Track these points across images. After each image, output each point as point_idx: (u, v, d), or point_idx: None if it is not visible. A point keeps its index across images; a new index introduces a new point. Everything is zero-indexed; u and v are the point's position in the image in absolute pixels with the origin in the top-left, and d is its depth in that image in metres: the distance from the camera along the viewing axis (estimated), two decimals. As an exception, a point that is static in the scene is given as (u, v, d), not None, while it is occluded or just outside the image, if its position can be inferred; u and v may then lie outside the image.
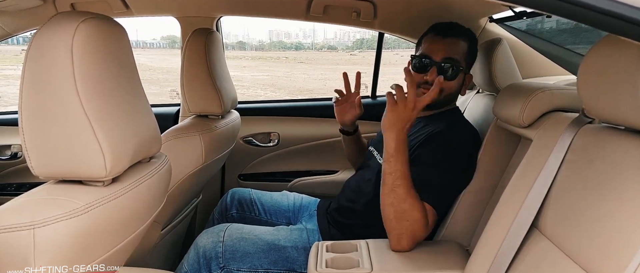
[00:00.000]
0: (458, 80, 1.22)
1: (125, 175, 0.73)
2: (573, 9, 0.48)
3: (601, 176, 0.71)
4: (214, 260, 1.15)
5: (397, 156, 1.02)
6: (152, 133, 0.79)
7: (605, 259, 0.65)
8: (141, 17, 1.69)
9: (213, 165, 1.34)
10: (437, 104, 1.23)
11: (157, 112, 1.89)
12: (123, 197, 0.70)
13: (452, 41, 1.20)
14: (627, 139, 0.70)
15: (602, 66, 0.70)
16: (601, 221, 0.68)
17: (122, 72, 0.72)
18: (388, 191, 1.03)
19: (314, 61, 16.04)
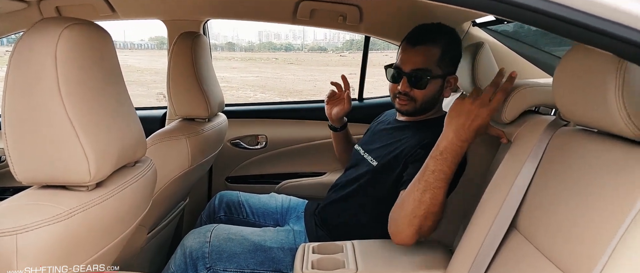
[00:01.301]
0: (432, 87, 1.21)
1: (110, 180, 0.73)
2: (543, 19, 0.50)
3: (575, 177, 0.74)
4: (201, 260, 1.15)
5: (446, 155, 0.97)
6: (136, 138, 0.79)
7: (577, 258, 0.67)
8: (127, 20, 1.69)
9: (200, 168, 1.35)
10: (418, 111, 1.25)
11: (143, 115, 1.90)
12: (107, 202, 0.70)
13: (421, 50, 1.19)
14: (599, 141, 0.73)
15: (575, 72, 0.73)
16: (574, 221, 0.70)
17: (107, 77, 0.73)
18: (424, 188, 0.97)
19: (303, 62, 16.03)
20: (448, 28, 1.26)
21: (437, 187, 0.97)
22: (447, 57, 1.21)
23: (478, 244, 0.92)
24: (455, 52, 1.25)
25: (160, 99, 1.96)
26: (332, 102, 1.47)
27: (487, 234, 0.91)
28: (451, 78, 1.25)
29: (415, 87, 1.20)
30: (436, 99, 1.25)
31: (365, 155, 1.31)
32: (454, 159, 0.97)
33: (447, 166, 0.97)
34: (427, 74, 1.18)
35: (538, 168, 0.86)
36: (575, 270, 0.67)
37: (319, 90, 9.29)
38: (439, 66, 1.20)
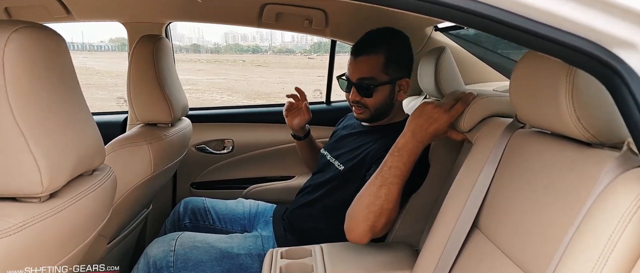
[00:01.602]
0: (381, 94, 1.22)
1: (65, 190, 0.70)
2: (497, 26, 0.52)
3: (531, 177, 0.77)
4: (165, 270, 1.12)
5: (403, 153, 1.00)
6: (94, 145, 0.76)
7: (534, 255, 0.70)
8: (84, 22, 1.62)
9: (163, 175, 1.31)
10: (374, 118, 1.27)
11: (103, 120, 1.83)
12: (62, 213, 0.67)
13: (363, 60, 1.21)
14: (553, 142, 0.76)
15: (529, 78, 0.76)
16: (530, 219, 0.73)
17: (60, 82, 0.70)
18: (380, 184, 0.99)
19: (271, 64, 15.94)
20: (392, 33, 1.26)
21: (392, 183, 0.99)
22: (392, 62, 1.21)
23: (442, 244, 0.94)
24: (401, 56, 1.25)
25: (121, 103, 1.88)
26: (292, 113, 1.47)
27: (451, 234, 0.93)
28: (402, 82, 1.25)
29: (364, 95, 1.22)
30: (389, 104, 1.26)
31: (332, 160, 1.32)
32: (409, 158, 1.00)
33: (403, 163, 1.00)
34: (372, 83, 1.20)
35: (497, 169, 0.89)
36: (533, 267, 0.70)
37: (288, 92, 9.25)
38: (384, 73, 1.21)
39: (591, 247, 0.54)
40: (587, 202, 0.59)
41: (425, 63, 1.44)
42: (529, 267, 0.71)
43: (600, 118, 0.66)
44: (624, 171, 0.57)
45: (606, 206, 0.55)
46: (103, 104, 6.09)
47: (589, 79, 0.65)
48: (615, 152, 0.64)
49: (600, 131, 0.65)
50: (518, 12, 0.50)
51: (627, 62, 0.47)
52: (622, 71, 0.48)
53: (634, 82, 0.47)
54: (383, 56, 1.20)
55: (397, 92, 1.25)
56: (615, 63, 0.48)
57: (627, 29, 0.46)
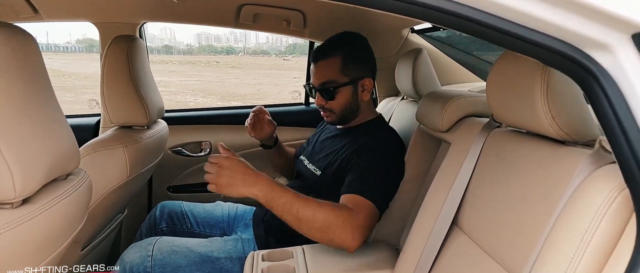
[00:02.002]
0: (343, 95, 1.24)
1: (39, 195, 0.67)
2: (475, 27, 0.53)
3: (507, 175, 0.79)
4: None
5: (273, 196, 0.96)
6: (68, 148, 0.73)
7: (513, 252, 0.72)
8: (53, 22, 1.56)
9: (139, 179, 1.27)
10: (342, 120, 1.29)
11: (74, 123, 1.77)
12: (36, 219, 0.64)
13: (321, 65, 1.24)
14: (528, 141, 0.79)
15: (505, 78, 0.78)
16: (509, 216, 0.75)
17: (32, 84, 0.67)
18: (296, 221, 0.97)
19: (246, 65, 15.78)
20: (349, 36, 1.28)
21: (298, 209, 0.97)
22: (350, 63, 1.23)
23: (423, 242, 0.96)
24: (359, 57, 1.26)
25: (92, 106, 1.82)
26: (255, 129, 1.42)
27: (431, 232, 0.95)
28: (364, 82, 1.26)
29: (328, 99, 1.25)
30: (355, 104, 1.27)
31: (309, 166, 1.33)
32: (278, 191, 0.98)
33: (280, 195, 0.97)
34: (332, 85, 1.22)
35: (475, 168, 0.91)
36: (511, 263, 0.72)
37: (264, 94, 9.20)
38: (343, 74, 1.23)
39: (568, 242, 0.56)
40: (563, 199, 0.62)
41: (403, 65, 1.47)
42: (508, 263, 0.73)
43: (574, 116, 0.68)
44: (597, 168, 0.59)
45: (581, 202, 0.57)
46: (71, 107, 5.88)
47: (562, 79, 0.68)
48: (588, 150, 0.66)
49: (574, 129, 0.68)
50: (495, 13, 0.51)
51: (601, 63, 0.49)
52: (596, 71, 0.50)
53: (607, 82, 0.49)
54: (340, 58, 1.22)
55: (360, 93, 1.26)
56: (589, 64, 0.50)
57: (600, 31, 0.48)
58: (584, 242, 0.54)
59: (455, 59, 1.66)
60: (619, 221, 0.52)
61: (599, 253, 0.53)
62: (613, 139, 0.50)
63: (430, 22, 0.61)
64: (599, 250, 0.53)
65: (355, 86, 1.25)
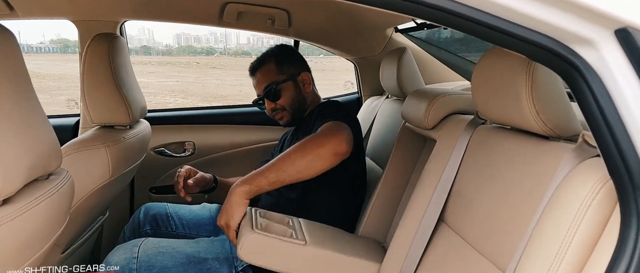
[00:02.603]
0: (288, 92, 1.34)
1: (19, 196, 0.65)
2: (462, 22, 0.54)
3: (493, 171, 0.81)
4: None
5: (254, 184, 1.02)
6: (50, 147, 0.71)
7: (499, 246, 0.73)
8: (29, 19, 1.51)
9: (121, 179, 1.25)
10: (296, 116, 1.36)
11: (52, 124, 1.70)
12: (16, 220, 0.62)
13: (259, 74, 1.35)
14: (513, 137, 0.81)
15: (491, 75, 0.80)
16: (494, 212, 0.77)
17: (11, 81, 0.64)
18: (289, 176, 1.03)
19: (227, 66, 15.61)
20: (274, 47, 1.41)
21: (281, 172, 1.03)
22: (283, 63, 1.35)
23: (410, 239, 0.97)
24: (289, 56, 1.39)
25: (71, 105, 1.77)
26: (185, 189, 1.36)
27: (418, 229, 0.96)
28: (302, 76, 1.37)
29: (275, 100, 1.34)
30: (301, 98, 1.36)
31: None
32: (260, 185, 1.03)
33: (263, 177, 1.03)
34: (274, 85, 1.33)
35: (461, 165, 0.92)
36: (498, 258, 0.73)
37: (246, 95, 9.10)
38: (281, 73, 1.34)
39: (554, 234, 0.57)
40: (548, 193, 0.63)
41: (387, 64, 1.48)
42: (495, 258, 0.74)
43: (558, 112, 0.70)
44: (581, 161, 0.61)
45: (566, 195, 0.58)
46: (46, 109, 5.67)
47: (547, 76, 0.70)
48: (571, 144, 0.68)
49: (558, 124, 0.70)
50: (482, 8, 0.52)
51: (585, 58, 0.51)
52: (581, 66, 0.51)
53: (592, 77, 0.51)
54: (273, 62, 1.35)
55: (302, 87, 1.36)
56: (574, 59, 0.51)
57: (584, 27, 0.50)
58: (570, 234, 0.55)
59: (439, 58, 1.69)
60: (603, 212, 0.54)
61: (584, 244, 0.54)
62: (597, 133, 0.51)
63: (418, 18, 0.61)
64: (584, 241, 0.54)
65: (295, 81, 1.35)
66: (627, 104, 0.48)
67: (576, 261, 0.54)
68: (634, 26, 0.49)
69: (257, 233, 0.96)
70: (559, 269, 0.54)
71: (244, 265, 1.17)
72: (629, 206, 0.48)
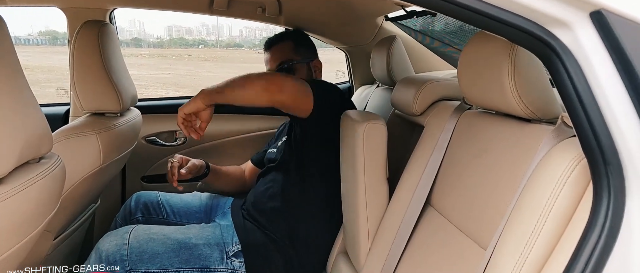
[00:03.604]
0: (300, 73, 1.35)
1: (11, 177, 0.65)
2: (450, 7, 0.56)
3: (477, 153, 0.83)
4: (119, 264, 1.08)
5: (216, 90, 1.06)
6: (41, 130, 0.72)
7: (481, 225, 0.76)
8: (17, 6, 1.50)
9: (112, 167, 1.25)
10: None
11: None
12: (8, 201, 0.63)
13: (276, 49, 1.37)
14: (497, 121, 0.83)
15: (475, 60, 0.82)
16: (478, 192, 0.79)
17: (3, 64, 0.65)
18: (242, 89, 1.06)
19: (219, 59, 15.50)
20: (292, 30, 1.46)
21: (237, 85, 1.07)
22: (301, 46, 1.39)
23: (398, 222, 0.99)
24: (306, 43, 1.42)
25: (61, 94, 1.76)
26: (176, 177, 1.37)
27: (405, 213, 0.98)
28: (315, 63, 1.40)
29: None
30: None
31: (272, 150, 1.41)
32: (218, 93, 1.07)
33: (223, 96, 1.07)
34: (290, 61, 1.35)
35: (447, 149, 0.95)
36: (480, 236, 0.76)
37: (237, 87, 9.04)
38: (297, 54, 1.37)
39: (531, 211, 0.59)
40: (527, 172, 0.65)
41: (378, 52, 1.49)
42: (478, 236, 0.77)
43: (538, 95, 0.72)
44: (558, 142, 0.63)
45: (543, 174, 0.60)
46: (35, 100, 5.61)
47: (528, 60, 0.72)
48: (551, 126, 0.70)
49: (538, 107, 0.72)
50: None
51: (562, 40, 0.53)
52: (558, 48, 0.53)
53: (568, 58, 0.53)
54: (291, 41, 1.38)
55: (314, 72, 1.39)
56: (552, 41, 0.53)
57: (561, 9, 0.51)
58: (546, 209, 0.57)
59: (429, 47, 1.70)
60: (578, 189, 0.56)
61: (559, 219, 0.57)
62: (573, 112, 0.54)
63: (407, 4, 0.63)
64: (559, 216, 0.57)
65: (309, 66, 1.38)
66: (600, 84, 0.51)
67: (552, 235, 0.57)
68: (608, 9, 0.51)
69: None
70: (536, 243, 0.57)
71: (234, 250, 1.19)
72: (600, 181, 0.50)
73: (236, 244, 1.19)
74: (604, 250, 0.49)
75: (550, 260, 0.56)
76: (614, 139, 0.50)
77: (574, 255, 0.51)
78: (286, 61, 1.35)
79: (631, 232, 0.49)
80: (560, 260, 0.54)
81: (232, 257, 1.18)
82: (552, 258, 0.56)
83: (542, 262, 0.57)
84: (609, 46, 0.51)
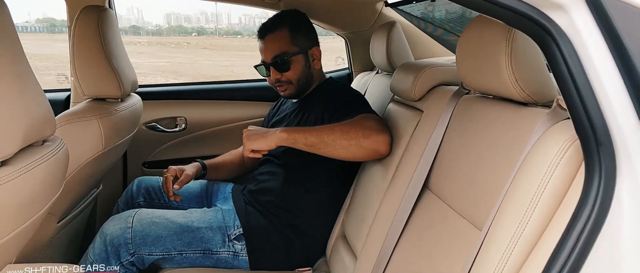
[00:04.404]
0: (297, 65, 1.29)
1: (16, 158, 0.67)
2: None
3: (474, 137, 0.84)
4: (123, 247, 1.10)
5: (296, 134, 1.06)
6: (44, 113, 0.73)
7: (477, 207, 0.77)
8: (16, -9, 1.49)
9: (114, 151, 1.27)
10: (300, 91, 1.32)
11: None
12: (14, 181, 0.64)
13: (270, 39, 1.28)
14: (494, 105, 0.84)
15: (474, 45, 0.82)
16: (475, 175, 0.80)
17: (7, 47, 0.66)
18: (324, 145, 1.06)
19: (218, 47, 15.43)
20: (290, 12, 1.35)
21: (324, 136, 1.07)
22: (298, 34, 1.29)
23: (396, 205, 1.01)
24: (305, 27, 1.33)
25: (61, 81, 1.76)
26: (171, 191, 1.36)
27: (404, 195, 1.00)
28: (313, 51, 1.32)
29: (282, 71, 1.28)
30: (309, 74, 1.32)
31: None
32: (298, 133, 1.08)
33: (304, 135, 1.08)
34: (285, 56, 1.27)
35: (445, 133, 0.96)
36: (476, 218, 0.77)
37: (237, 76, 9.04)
38: (293, 44, 1.28)
39: (525, 192, 0.61)
40: (522, 154, 0.67)
41: (377, 38, 1.49)
42: (473, 218, 0.78)
43: (534, 79, 0.73)
44: (553, 124, 0.64)
45: (537, 155, 0.62)
46: (35, 88, 5.58)
47: (525, 44, 0.73)
48: (547, 109, 0.72)
49: (535, 91, 0.73)
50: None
51: (557, 23, 0.54)
52: (553, 31, 0.54)
53: (563, 41, 0.54)
54: (287, 29, 1.28)
55: (312, 62, 1.32)
56: (547, 24, 0.54)
57: (557, -8, 0.52)
58: (540, 190, 0.59)
59: (428, 33, 1.70)
60: (571, 169, 0.57)
61: (552, 199, 0.58)
62: (567, 95, 0.55)
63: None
64: (552, 196, 0.58)
65: (306, 55, 1.30)
66: (594, 67, 0.52)
67: (545, 214, 0.58)
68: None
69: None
70: (529, 222, 0.58)
71: (236, 233, 1.21)
72: (592, 160, 0.52)
73: (238, 228, 1.21)
74: (594, 227, 0.51)
75: (543, 238, 0.58)
76: (607, 121, 0.51)
77: (565, 233, 0.53)
78: (281, 54, 1.27)
79: (621, 210, 0.50)
80: (552, 238, 0.56)
81: (234, 240, 1.20)
82: (544, 236, 0.58)
83: (535, 240, 0.59)
84: (603, 28, 0.52)
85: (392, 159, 1.24)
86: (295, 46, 1.28)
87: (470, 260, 0.69)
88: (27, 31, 14.31)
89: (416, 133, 1.07)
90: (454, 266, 0.76)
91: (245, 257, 1.20)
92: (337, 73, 2.10)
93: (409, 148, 1.07)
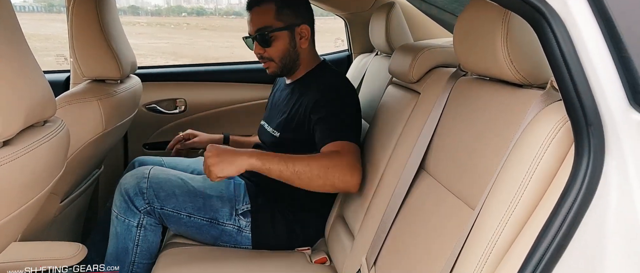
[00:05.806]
0: (281, 42, 1.23)
1: (19, 138, 0.68)
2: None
3: (470, 118, 0.85)
4: (139, 196, 1.14)
5: (266, 159, 1.05)
6: (45, 94, 0.73)
7: (471, 187, 0.79)
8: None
9: (114, 132, 1.28)
10: (284, 70, 1.28)
11: (43, 79, 1.71)
12: (17, 161, 0.66)
13: (256, 11, 1.23)
14: (492, 87, 0.85)
15: (471, 27, 0.83)
16: (470, 156, 0.82)
17: (6, 27, 0.66)
18: (295, 175, 1.05)
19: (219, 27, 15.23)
20: None
21: (297, 169, 1.05)
22: (284, 9, 1.22)
23: (392, 186, 1.02)
24: (294, 4, 1.25)
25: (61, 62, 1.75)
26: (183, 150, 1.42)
27: (400, 177, 1.01)
28: (301, 29, 1.24)
29: (264, 46, 1.23)
30: (293, 53, 1.26)
31: (268, 128, 1.34)
32: (267, 159, 1.06)
33: (276, 163, 1.06)
34: (267, 30, 1.21)
35: (442, 115, 0.97)
36: (470, 197, 0.79)
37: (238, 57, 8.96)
38: (278, 20, 1.22)
39: (517, 172, 0.62)
40: (516, 135, 0.68)
41: (376, 19, 1.49)
42: (467, 197, 0.80)
43: (529, 60, 0.74)
44: (546, 105, 0.65)
45: (529, 136, 0.63)
46: (34, 69, 5.55)
47: (520, 26, 0.73)
48: (540, 91, 0.72)
49: (529, 72, 0.74)
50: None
51: (551, 4, 0.54)
52: (546, 12, 0.54)
53: (556, 22, 0.54)
54: (273, 4, 1.22)
55: (299, 41, 1.25)
56: (541, 5, 0.54)
57: (551, -26, 0.52)
58: (531, 170, 0.60)
59: (429, 14, 1.69)
60: (562, 149, 0.59)
61: (543, 179, 0.60)
62: (559, 76, 0.55)
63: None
64: (543, 176, 0.60)
65: (292, 32, 1.23)
66: (586, 49, 0.52)
67: (536, 193, 0.60)
68: (597, -27, 0.52)
69: None
70: (520, 201, 0.60)
71: (244, 209, 1.23)
72: (582, 140, 0.53)
73: (246, 204, 1.23)
74: (582, 204, 0.52)
75: (533, 215, 0.60)
76: (597, 102, 0.52)
77: (554, 209, 0.55)
78: (264, 28, 1.21)
79: (608, 186, 0.52)
80: (542, 215, 0.57)
81: (241, 215, 1.22)
82: (534, 213, 0.59)
83: (525, 218, 0.61)
84: (596, 10, 0.52)
85: (390, 142, 1.25)
86: (280, 21, 1.22)
87: (463, 238, 0.70)
88: (25, 11, 14.14)
89: (413, 115, 1.08)
90: (448, 244, 0.77)
91: (249, 233, 1.22)
92: (337, 55, 2.10)
93: (406, 130, 1.08)
